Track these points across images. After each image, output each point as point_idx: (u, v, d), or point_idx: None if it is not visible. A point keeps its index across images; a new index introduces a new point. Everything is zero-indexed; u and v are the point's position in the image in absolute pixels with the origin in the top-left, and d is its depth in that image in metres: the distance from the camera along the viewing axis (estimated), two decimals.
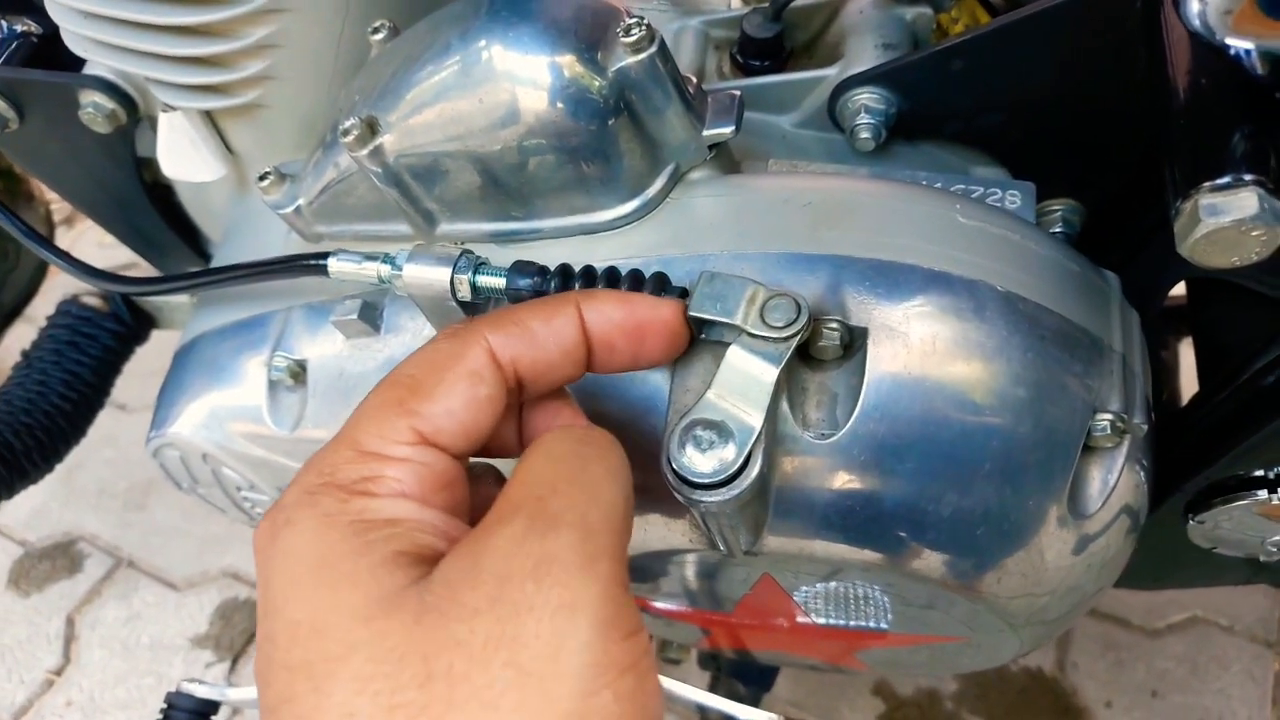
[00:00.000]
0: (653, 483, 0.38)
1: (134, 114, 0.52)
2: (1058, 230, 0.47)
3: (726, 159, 0.41)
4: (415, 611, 0.23)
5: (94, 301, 0.71)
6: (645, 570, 0.47)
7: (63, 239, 1.38)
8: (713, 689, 0.73)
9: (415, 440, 0.27)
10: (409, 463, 0.27)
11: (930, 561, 0.38)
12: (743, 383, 0.33)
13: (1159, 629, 1.02)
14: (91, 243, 1.42)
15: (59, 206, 0.96)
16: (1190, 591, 1.02)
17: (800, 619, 0.49)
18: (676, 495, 0.33)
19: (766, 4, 0.46)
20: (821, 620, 0.49)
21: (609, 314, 0.31)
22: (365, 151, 0.38)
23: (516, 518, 0.25)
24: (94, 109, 0.52)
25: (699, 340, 0.35)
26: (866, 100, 0.42)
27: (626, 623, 0.24)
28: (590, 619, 0.23)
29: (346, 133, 0.38)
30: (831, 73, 0.44)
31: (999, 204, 0.42)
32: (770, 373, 0.33)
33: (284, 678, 0.24)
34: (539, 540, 0.24)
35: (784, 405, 0.36)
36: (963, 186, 0.43)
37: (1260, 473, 0.47)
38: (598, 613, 0.24)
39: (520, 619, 0.23)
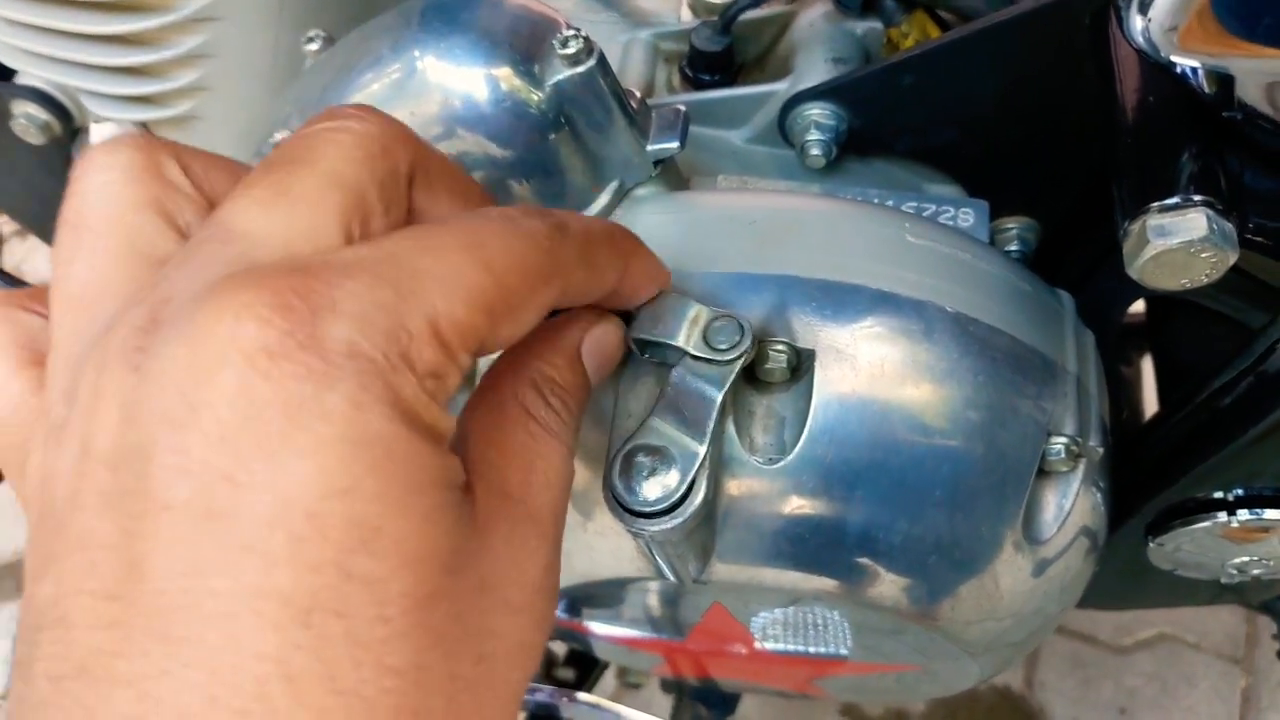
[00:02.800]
0: (599, 508, 0.37)
1: (69, 125, 0.51)
2: (1013, 248, 0.46)
3: (673, 175, 0.40)
4: (479, 585, 0.21)
5: None
6: (596, 598, 0.46)
7: (16, 250, 1.35)
8: (676, 713, 0.72)
9: (476, 351, 0.21)
10: (461, 375, 0.21)
11: (882, 589, 0.37)
12: (686, 407, 0.31)
13: (1127, 646, 1.02)
14: (46, 255, 1.39)
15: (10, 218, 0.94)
16: (1160, 609, 1.02)
17: (755, 646, 0.48)
18: (619, 523, 0.31)
19: (716, 17, 0.46)
20: (777, 647, 0.48)
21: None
22: None
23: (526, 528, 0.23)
24: (27, 120, 0.50)
25: (642, 362, 0.34)
26: (816, 116, 0.41)
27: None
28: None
29: (276, 146, 0.36)
30: (781, 87, 0.43)
31: (951, 222, 0.42)
32: (714, 396, 0.31)
33: (226, 558, 0.18)
34: (557, 564, 0.24)
35: (730, 429, 0.35)
36: (915, 204, 0.42)
37: (1219, 495, 0.46)
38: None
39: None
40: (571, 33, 0.34)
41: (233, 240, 0.21)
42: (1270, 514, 0.46)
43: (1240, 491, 0.46)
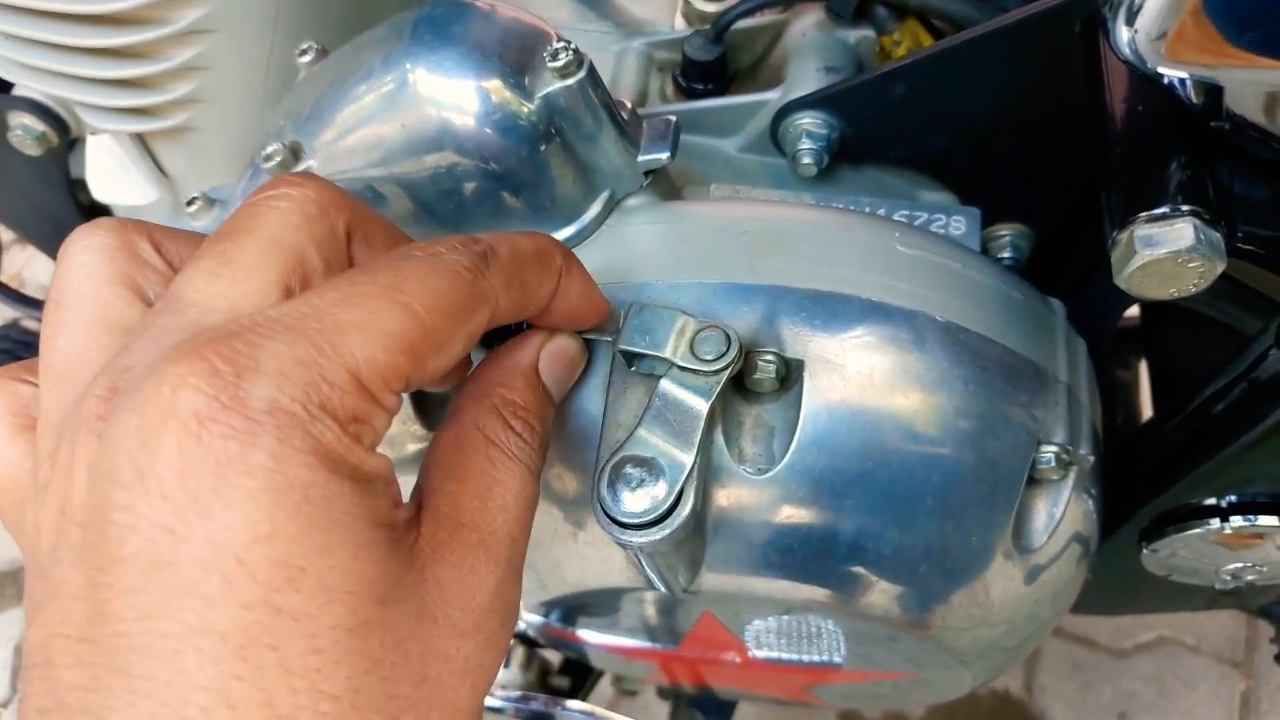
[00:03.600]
0: (589, 519, 0.37)
1: (65, 136, 0.51)
2: (1006, 255, 0.46)
3: (665, 185, 0.40)
4: (418, 612, 0.23)
5: (35, 326, 0.70)
6: (589, 607, 0.46)
7: (16, 258, 1.36)
8: (673, 719, 0.72)
9: (402, 389, 0.23)
10: (388, 415, 0.23)
11: (873, 599, 0.37)
12: (674, 418, 0.32)
13: (1126, 649, 1.02)
14: (46, 263, 1.40)
15: None
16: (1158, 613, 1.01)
17: (749, 655, 0.48)
18: (608, 535, 0.31)
19: (708, 26, 0.46)
20: (770, 656, 0.48)
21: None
22: None
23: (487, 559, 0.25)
24: (23, 131, 0.50)
25: (632, 374, 0.34)
26: (808, 125, 0.41)
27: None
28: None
29: (269, 158, 0.36)
30: (773, 96, 0.43)
31: (943, 230, 0.42)
32: (701, 407, 0.32)
33: (166, 601, 0.20)
34: (511, 585, 0.25)
35: (719, 439, 0.35)
36: (907, 212, 0.42)
37: (1212, 501, 0.46)
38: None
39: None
40: (562, 45, 0.34)
41: (185, 310, 0.23)
42: (1264, 520, 0.46)
43: (1234, 498, 0.46)
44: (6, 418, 0.27)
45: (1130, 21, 0.28)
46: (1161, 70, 0.29)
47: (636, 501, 0.31)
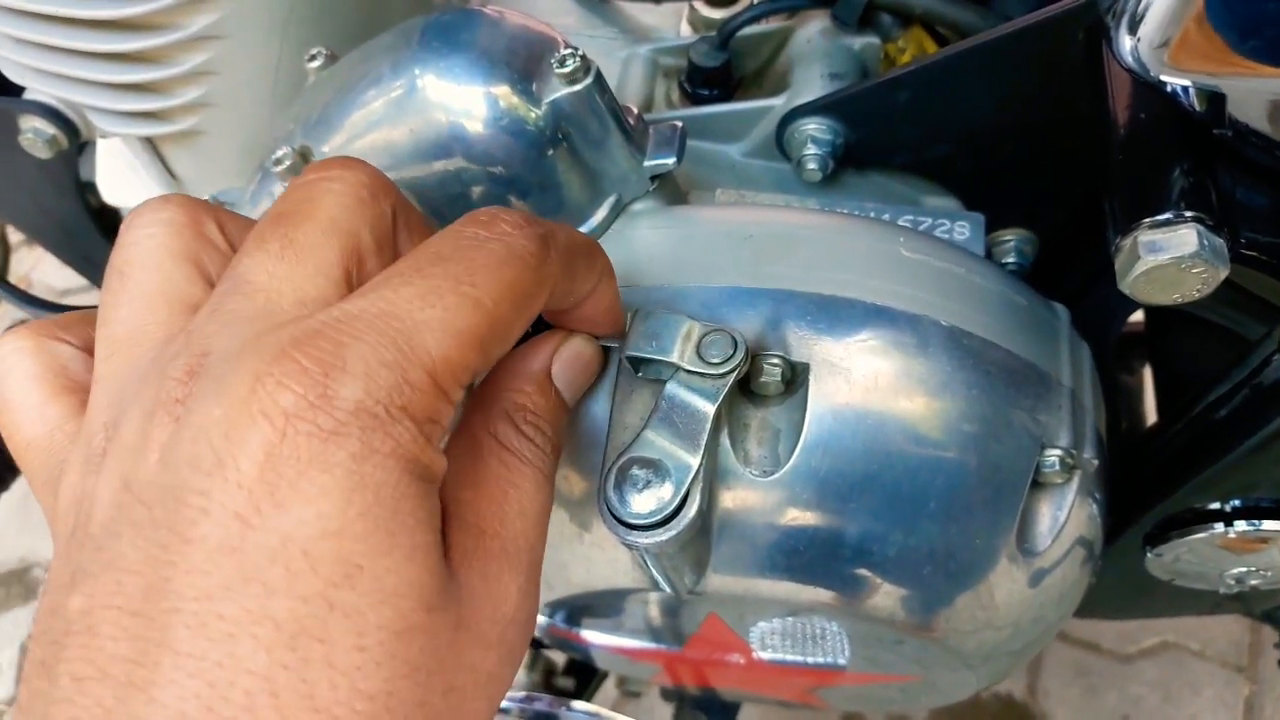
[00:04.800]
0: (596, 520, 0.37)
1: (76, 139, 0.51)
2: (1010, 260, 0.46)
3: (671, 190, 0.40)
4: (456, 621, 0.23)
5: None
6: (594, 608, 0.46)
7: (24, 259, 1.36)
8: None
9: (467, 385, 0.23)
10: (454, 410, 0.23)
11: (878, 601, 0.37)
12: (680, 420, 0.32)
13: (1130, 654, 1.02)
14: (54, 264, 1.40)
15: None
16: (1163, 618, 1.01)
17: (753, 656, 0.48)
18: (614, 536, 0.32)
19: (714, 33, 0.46)
20: (775, 657, 0.48)
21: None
22: None
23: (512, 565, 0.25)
24: (34, 134, 0.51)
25: (638, 378, 0.34)
26: (813, 131, 0.42)
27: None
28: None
29: (279, 162, 0.37)
30: (778, 103, 0.43)
31: (948, 235, 0.42)
32: (708, 409, 0.32)
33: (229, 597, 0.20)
34: (531, 594, 0.26)
35: (725, 441, 0.35)
36: (912, 218, 0.43)
37: (1216, 506, 0.47)
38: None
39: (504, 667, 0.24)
40: (569, 51, 0.34)
41: (254, 293, 0.24)
42: (1268, 525, 0.46)
43: (1238, 502, 0.46)
44: (48, 378, 0.27)
45: (1133, 30, 0.28)
46: (1164, 78, 0.29)
47: (643, 503, 0.31)
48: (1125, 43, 0.28)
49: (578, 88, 0.34)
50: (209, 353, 0.22)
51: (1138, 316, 0.60)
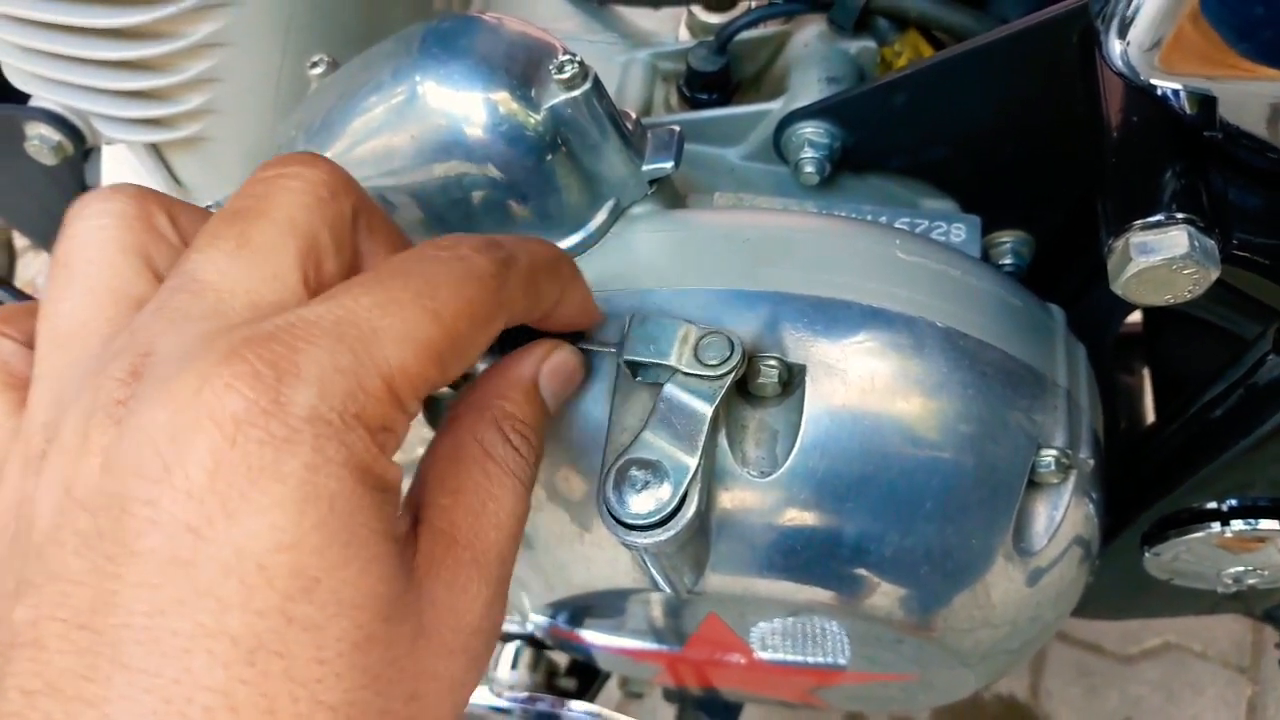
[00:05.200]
0: (595, 521, 0.37)
1: (81, 145, 0.52)
2: (1007, 262, 0.46)
3: (669, 193, 0.41)
4: (414, 630, 0.23)
5: None
6: (595, 609, 0.46)
7: (31, 264, 1.37)
8: None
9: (422, 398, 0.23)
10: (409, 421, 0.23)
11: (875, 600, 0.37)
12: (678, 421, 0.32)
13: (1132, 655, 1.02)
14: None
15: None
16: (1164, 618, 1.01)
17: (754, 656, 0.49)
18: (613, 536, 0.32)
19: (712, 37, 0.46)
20: (775, 657, 0.48)
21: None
22: None
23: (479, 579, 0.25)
24: (40, 141, 0.51)
25: (637, 382, 0.35)
26: (810, 134, 0.42)
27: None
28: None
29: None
30: (776, 106, 0.44)
31: (944, 237, 0.42)
32: (705, 411, 0.32)
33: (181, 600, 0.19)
34: (498, 605, 0.25)
35: (723, 443, 0.35)
36: (908, 220, 0.43)
37: (1213, 505, 0.47)
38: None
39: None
40: (567, 58, 0.35)
41: (203, 292, 0.23)
42: (1265, 524, 0.46)
43: (1234, 502, 0.46)
44: None
45: (1122, 34, 0.29)
46: (1154, 82, 0.30)
47: (642, 503, 0.31)
48: (1115, 47, 0.29)
49: (576, 93, 0.34)
50: (153, 352, 0.22)
51: (1136, 317, 0.61)
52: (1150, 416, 0.64)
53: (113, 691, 0.19)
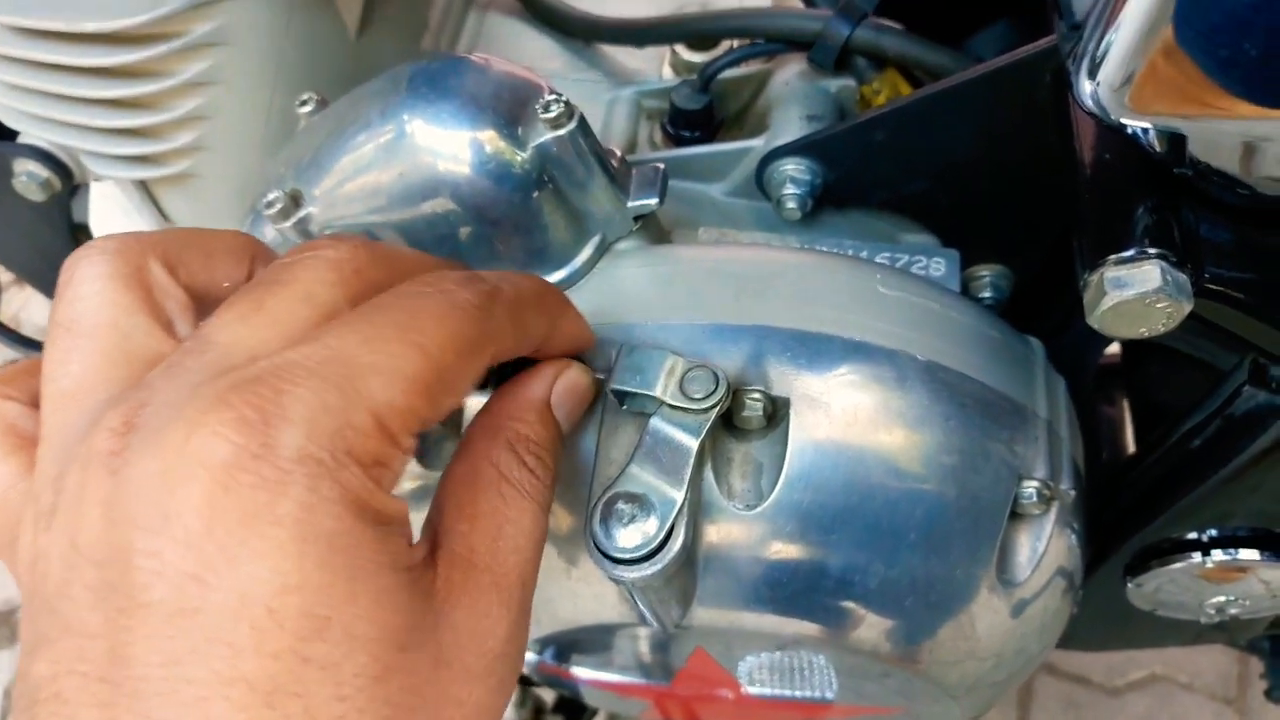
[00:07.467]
0: (582, 555, 0.37)
1: (69, 182, 0.52)
2: (986, 295, 0.47)
3: (655, 229, 0.41)
4: (434, 657, 0.23)
5: None
6: (581, 643, 0.46)
7: (15, 298, 1.36)
8: None
9: (418, 430, 0.23)
10: (405, 457, 0.23)
11: (861, 632, 0.38)
12: (664, 455, 0.32)
13: (1119, 687, 1.02)
14: (44, 303, 1.40)
15: None
16: (1149, 649, 1.01)
17: (741, 691, 0.48)
18: (600, 570, 0.32)
19: (695, 76, 0.47)
20: (763, 692, 0.48)
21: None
22: (289, 224, 0.38)
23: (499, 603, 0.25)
24: (28, 178, 0.51)
25: (623, 412, 0.35)
26: (792, 171, 0.43)
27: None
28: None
29: (270, 205, 0.38)
30: (758, 143, 0.45)
31: (924, 271, 0.43)
32: (691, 444, 0.32)
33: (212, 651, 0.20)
34: (521, 628, 0.26)
35: (709, 476, 0.35)
36: (889, 254, 0.44)
37: (1194, 535, 0.47)
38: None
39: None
40: (553, 97, 0.35)
41: (208, 349, 0.23)
42: (1245, 554, 0.47)
43: (1214, 532, 0.47)
44: None
45: (1092, 75, 0.29)
46: (1124, 121, 0.30)
47: (628, 537, 0.32)
48: (1085, 87, 0.29)
49: (561, 132, 0.35)
50: (147, 404, 0.22)
51: (1119, 347, 0.61)
52: (1132, 447, 0.65)
53: None
